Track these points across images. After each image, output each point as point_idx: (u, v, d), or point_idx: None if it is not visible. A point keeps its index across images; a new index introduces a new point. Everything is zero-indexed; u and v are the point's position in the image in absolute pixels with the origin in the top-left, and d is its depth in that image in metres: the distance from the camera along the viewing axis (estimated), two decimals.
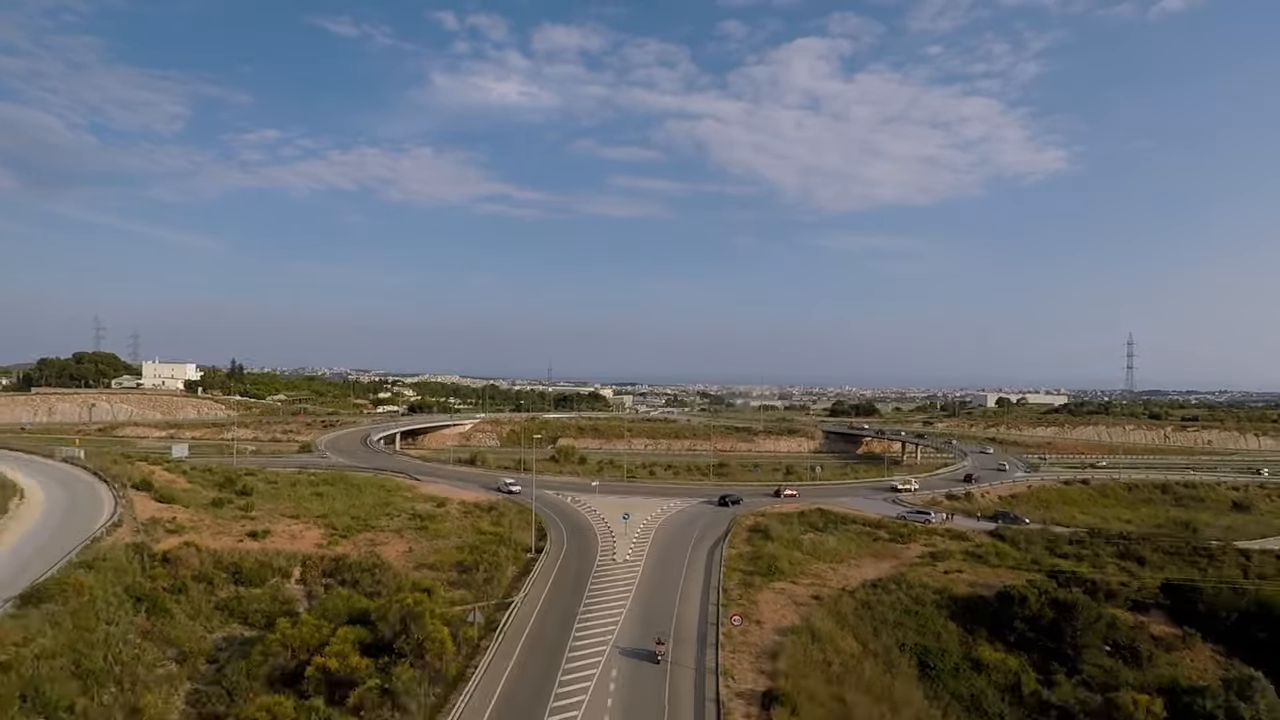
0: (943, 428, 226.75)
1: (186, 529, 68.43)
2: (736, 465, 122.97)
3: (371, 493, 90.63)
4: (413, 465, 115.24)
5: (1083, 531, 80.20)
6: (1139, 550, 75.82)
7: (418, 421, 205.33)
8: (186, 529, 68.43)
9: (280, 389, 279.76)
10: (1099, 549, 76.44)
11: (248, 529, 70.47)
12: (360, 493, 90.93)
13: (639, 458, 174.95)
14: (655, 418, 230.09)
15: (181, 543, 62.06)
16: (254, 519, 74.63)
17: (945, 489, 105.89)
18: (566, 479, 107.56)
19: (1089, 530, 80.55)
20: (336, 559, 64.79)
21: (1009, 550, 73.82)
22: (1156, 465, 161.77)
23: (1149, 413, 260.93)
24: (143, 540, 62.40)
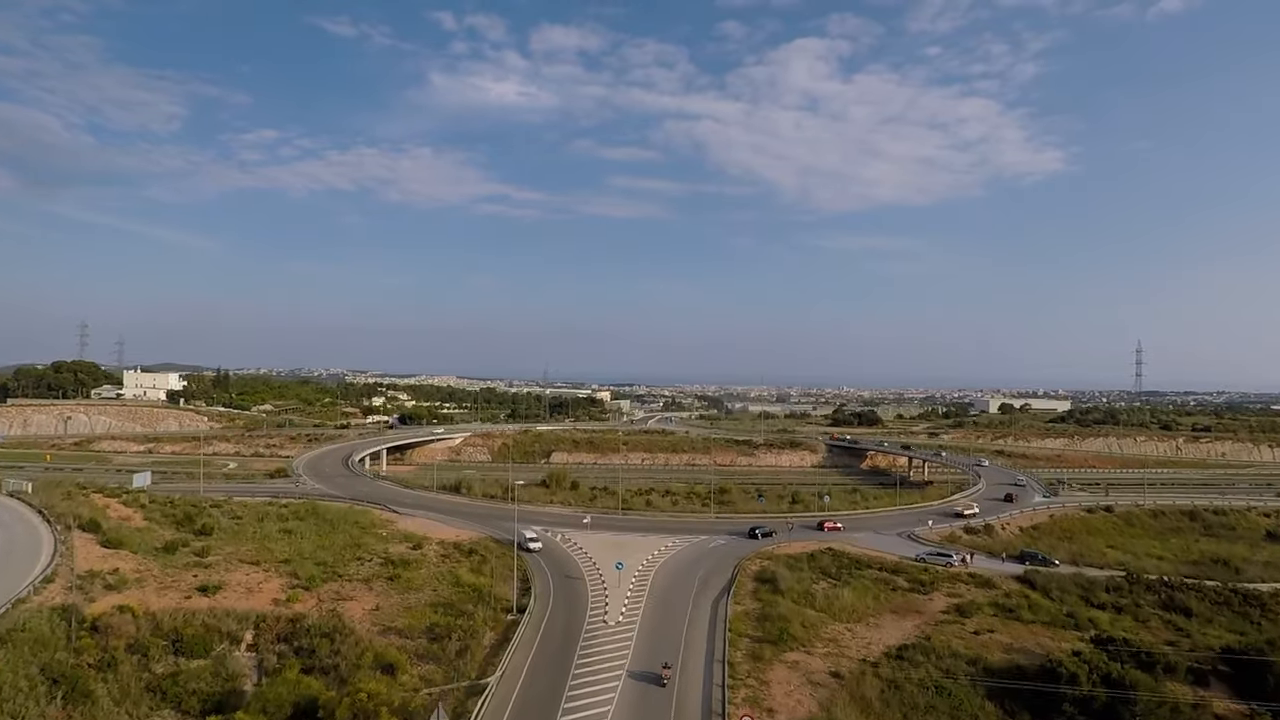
0: (949, 439, 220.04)
1: (129, 583, 61.37)
2: (738, 491, 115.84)
3: (344, 530, 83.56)
4: (393, 493, 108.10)
5: (1119, 576, 73.40)
6: (1184, 600, 69.04)
7: (406, 435, 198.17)
8: (129, 583, 61.37)
9: (267, 398, 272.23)
10: (1139, 597, 69.65)
11: (199, 581, 63.41)
12: (332, 530, 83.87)
13: (635, 475, 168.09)
14: (652, 429, 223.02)
15: (115, 606, 54.96)
16: (208, 567, 67.59)
17: (969, 518, 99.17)
18: (557, 509, 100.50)
19: (1126, 574, 73.72)
20: (294, 619, 57.64)
21: (1041, 601, 66.99)
22: (1178, 481, 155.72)
23: (1159, 423, 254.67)
24: (74, 601, 55.37)
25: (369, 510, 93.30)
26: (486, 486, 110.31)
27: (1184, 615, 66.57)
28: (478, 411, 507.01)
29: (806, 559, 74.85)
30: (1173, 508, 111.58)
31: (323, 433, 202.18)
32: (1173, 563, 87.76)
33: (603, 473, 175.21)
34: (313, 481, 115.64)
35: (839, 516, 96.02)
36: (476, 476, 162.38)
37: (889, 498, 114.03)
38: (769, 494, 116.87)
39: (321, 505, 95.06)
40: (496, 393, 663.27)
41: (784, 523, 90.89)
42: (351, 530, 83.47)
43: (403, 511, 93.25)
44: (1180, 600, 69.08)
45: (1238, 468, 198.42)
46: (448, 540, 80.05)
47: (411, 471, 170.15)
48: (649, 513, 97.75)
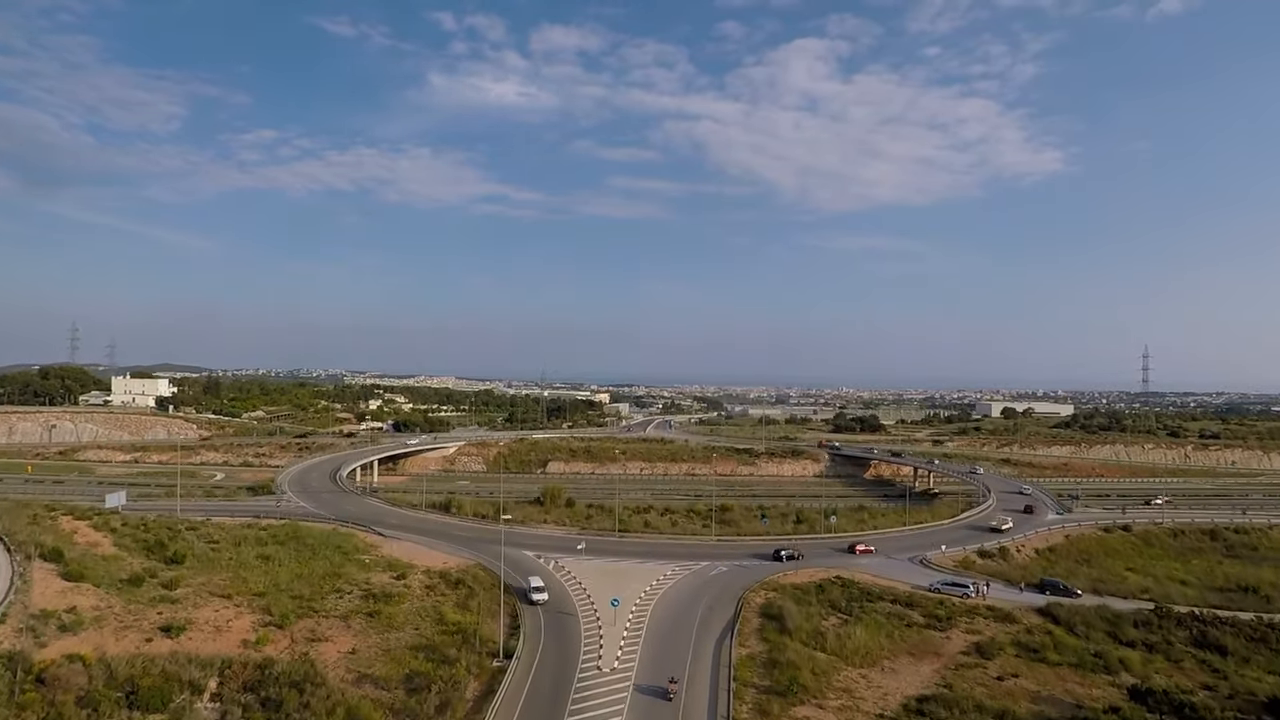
0: (953, 447, 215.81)
1: (86, 623, 56.93)
2: (740, 509, 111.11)
3: (325, 556, 79.10)
4: (379, 512, 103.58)
5: (1147, 609, 69.08)
6: (1217, 636, 64.68)
7: (399, 444, 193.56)
8: (86, 623, 56.93)
9: (259, 404, 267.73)
10: (1170, 633, 65.29)
11: (164, 619, 59.00)
12: (312, 556, 79.43)
13: (633, 486, 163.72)
14: (651, 437, 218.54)
15: (66, 655, 50.55)
16: (176, 602, 63.12)
17: (987, 537, 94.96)
18: (551, 530, 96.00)
19: (1155, 608, 69.38)
20: (263, 665, 53.21)
21: (1066, 638, 62.60)
22: (1190, 492, 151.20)
23: (1167, 430, 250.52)
24: (22, 648, 51.01)
25: (353, 533, 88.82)
26: (477, 505, 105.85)
27: (1219, 654, 62.24)
28: (475, 415, 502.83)
29: (814, 590, 70.47)
30: (1192, 526, 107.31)
31: (314, 441, 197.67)
32: (1198, 589, 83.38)
33: (600, 484, 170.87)
34: (297, 499, 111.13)
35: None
36: (470, 486, 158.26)
37: (897, 515, 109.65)
38: (771, 511, 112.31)
39: (303, 527, 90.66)
40: (494, 395, 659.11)
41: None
42: (333, 557, 79.00)
43: (388, 534, 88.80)
44: (1214, 637, 64.74)
45: (1248, 476, 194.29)
46: (434, 568, 75.59)
47: (404, 482, 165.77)
48: (647, 534, 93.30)
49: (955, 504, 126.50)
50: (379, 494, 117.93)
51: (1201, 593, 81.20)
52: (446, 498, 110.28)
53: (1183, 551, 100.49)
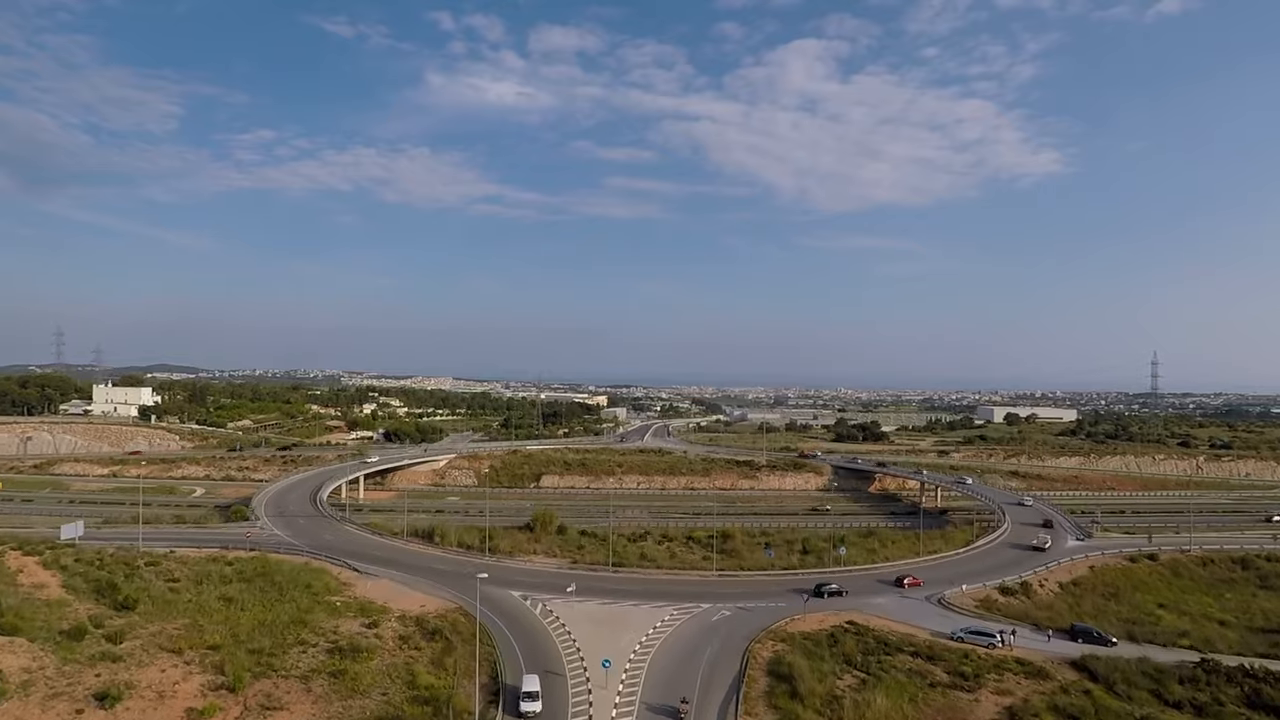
0: (959, 458, 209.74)
1: (10, 691, 50.61)
2: (742, 535, 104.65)
3: (293, 598, 72.68)
4: (357, 543, 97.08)
5: (1191, 661, 62.86)
6: (1271, 695, 58.50)
7: (388, 458, 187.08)
8: (10, 691, 50.61)
9: (246, 413, 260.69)
10: (1219, 690, 59.04)
11: (101, 682, 52.69)
12: (279, 598, 73.04)
13: (630, 502, 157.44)
14: (648, 448, 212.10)
15: None
16: (119, 659, 56.74)
17: (1006, 571, 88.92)
18: (540, 563, 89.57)
19: (1200, 660, 63.17)
20: None
21: (1106, 700, 56.31)
22: (1207, 507, 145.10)
23: (1177, 439, 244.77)
24: None
25: (325, 569, 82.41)
26: (463, 533, 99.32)
27: (1274, 716, 56.15)
28: (470, 419, 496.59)
29: (826, 640, 64.14)
30: (1221, 554, 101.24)
31: (300, 454, 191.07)
32: (1238, 630, 77.36)
33: (595, 499, 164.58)
34: (272, 525, 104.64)
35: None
36: (459, 504, 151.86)
37: (908, 541, 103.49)
38: (775, 537, 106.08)
39: (273, 561, 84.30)
40: (490, 398, 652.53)
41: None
42: (301, 598, 72.59)
43: (364, 570, 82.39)
44: (1268, 696, 58.49)
45: (1263, 489, 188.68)
46: (410, 613, 69.20)
47: (391, 499, 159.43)
48: (643, 569, 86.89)
49: (969, 528, 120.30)
50: (358, 520, 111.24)
51: (1243, 635, 75.12)
52: (430, 524, 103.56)
53: (1214, 583, 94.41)
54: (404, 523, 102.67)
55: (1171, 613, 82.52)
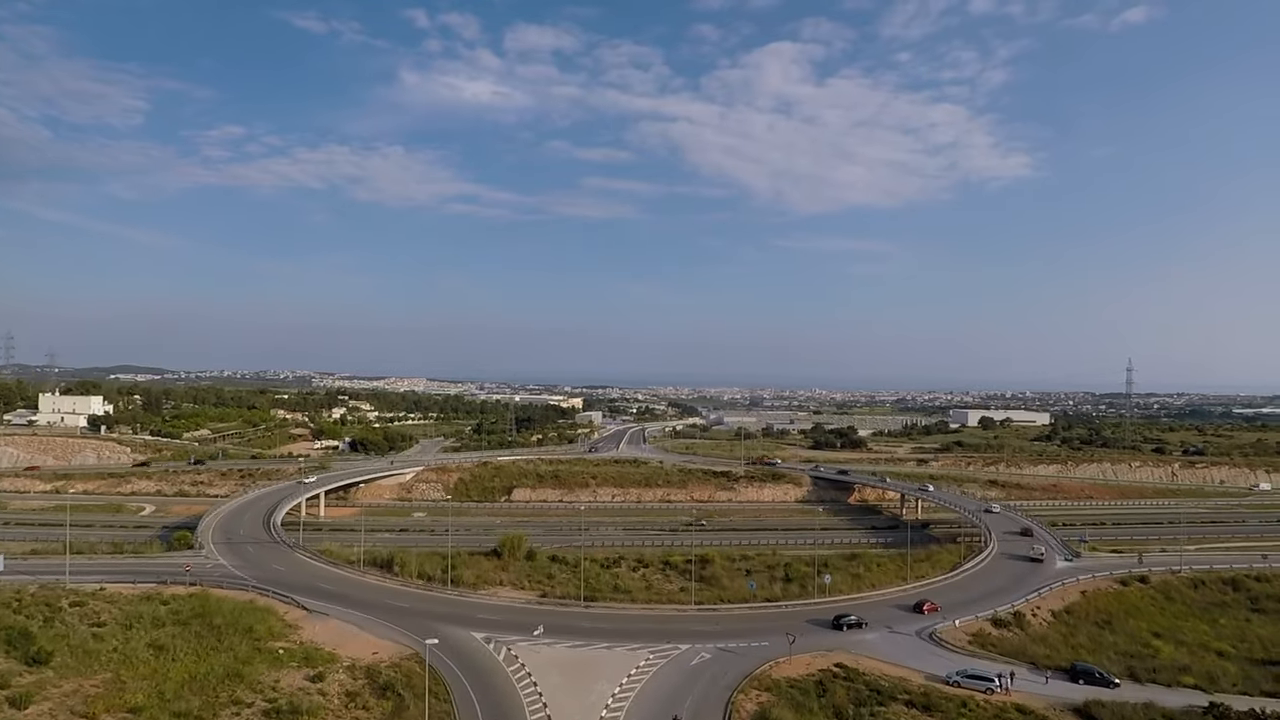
0: (938, 467, 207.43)
1: None
2: (721, 561, 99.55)
3: (232, 644, 65.99)
4: (310, 574, 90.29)
5: (1199, 707, 59.06)
6: None
7: (353, 468, 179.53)
8: None
9: (205, 421, 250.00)
10: None
11: None
12: (217, 644, 66.31)
13: (604, 516, 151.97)
14: (623, 458, 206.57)
15: None
16: None
17: (997, 598, 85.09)
18: (507, 596, 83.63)
19: (1208, 703, 59.40)
20: None
21: None
22: (1184, 517, 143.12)
23: (1150, 444, 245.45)
24: None
25: (272, 608, 75.75)
26: (424, 561, 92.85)
27: None
28: (442, 424, 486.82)
29: (814, 688, 59.31)
30: (1212, 575, 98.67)
31: (258, 467, 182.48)
32: (1237, 662, 74.17)
33: (568, 514, 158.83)
34: (217, 554, 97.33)
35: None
36: (426, 520, 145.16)
37: (894, 564, 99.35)
38: (756, 560, 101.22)
39: (214, 599, 77.31)
40: (463, 401, 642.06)
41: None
42: (240, 646, 65.90)
43: (314, 609, 75.88)
44: None
45: (1237, 496, 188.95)
46: (361, 662, 63.03)
47: (353, 516, 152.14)
48: (617, 602, 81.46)
49: (955, 546, 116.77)
50: (312, 548, 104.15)
51: (1244, 669, 71.85)
52: (390, 551, 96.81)
53: (1206, 607, 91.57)
54: (361, 550, 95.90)
55: (1168, 642, 79.16)
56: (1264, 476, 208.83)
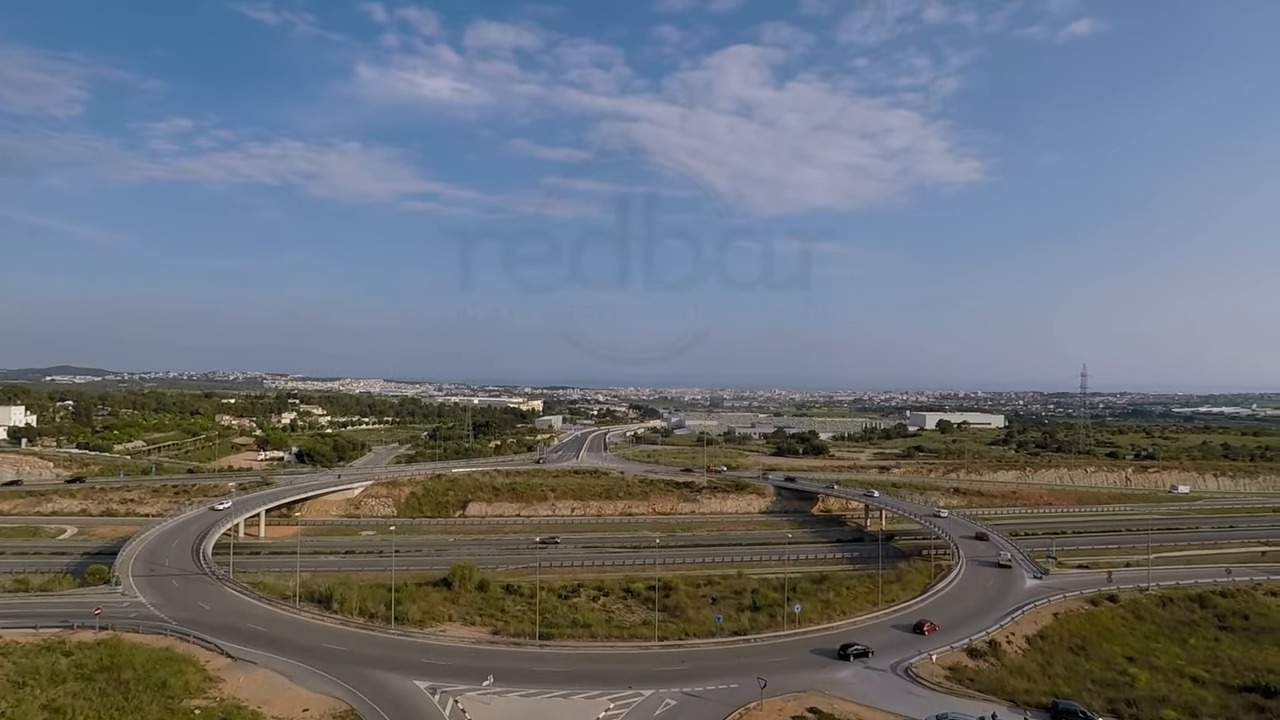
0: (900, 474, 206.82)
1: None
2: (686, 587, 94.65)
3: (140, 703, 58.58)
4: (239, 613, 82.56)
5: None
6: None
7: (299, 483, 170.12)
8: None
9: (139, 432, 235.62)
10: None
11: None
12: (125, 702, 58.87)
13: (563, 531, 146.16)
14: (583, 468, 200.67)
15: None
16: None
17: (972, 623, 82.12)
18: (453, 638, 77.10)
19: None
20: None
21: None
22: (1140, 524, 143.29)
23: (1105, 449, 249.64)
24: None
25: (192, 656, 68.28)
26: (367, 594, 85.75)
27: None
28: (397, 429, 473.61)
29: None
30: (1179, 592, 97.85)
31: (194, 483, 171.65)
32: (1214, 689, 72.48)
33: (526, 529, 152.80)
34: (137, 590, 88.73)
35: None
36: (375, 540, 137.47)
37: (864, 586, 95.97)
38: (722, 585, 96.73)
39: (126, 647, 69.47)
40: (420, 404, 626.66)
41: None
42: (151, 706, 58.52)
43: (240, 656, 68.64)
44: None
45: (1188, 501, 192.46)
46: None
47: (296, 535, 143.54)
48: (575, 637, 75.99)
49: (924, 563, 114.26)
50: (244, 580, 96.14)
51: (1221, 696, 70.13)
52: (330, 583, 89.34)
53: (1176, 626, 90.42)
54: (297, 583, 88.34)
55: (1142, 667, 77.25)
56: (1211, 480, 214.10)
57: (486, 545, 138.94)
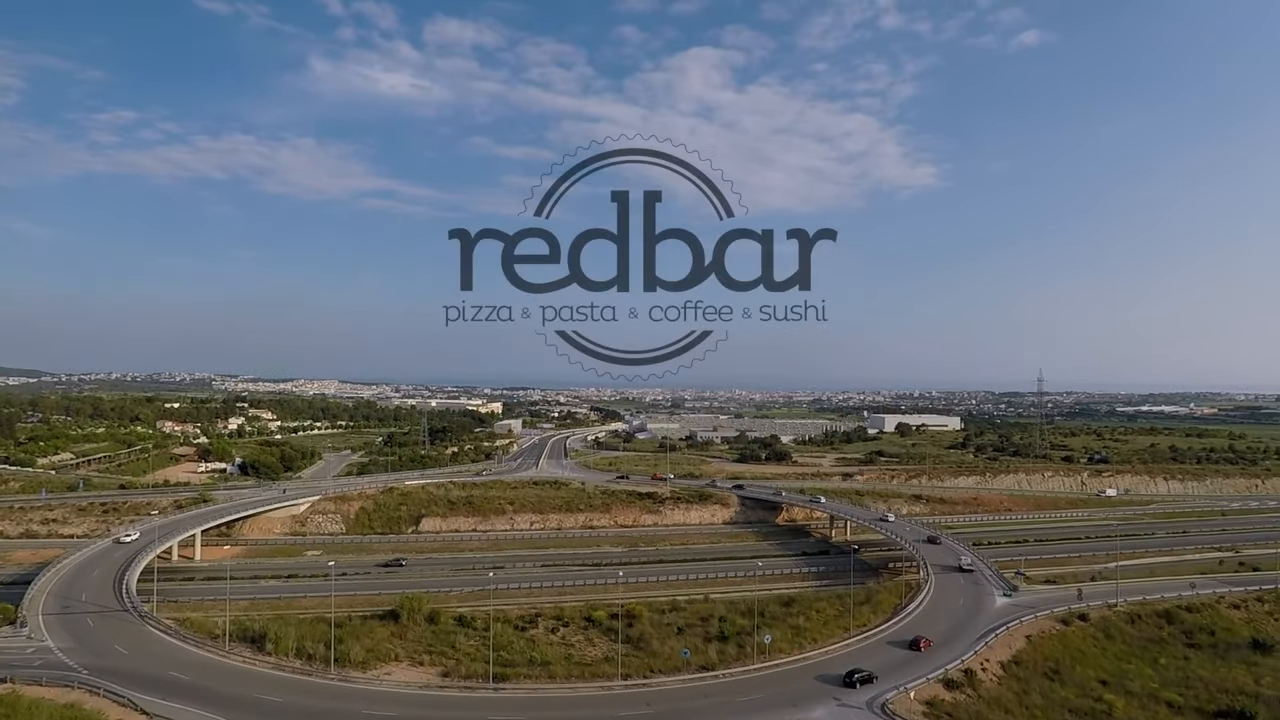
0: (863, 481, 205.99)
1: None
2: (650, 616, 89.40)
3: None
4: (162, 656, 75.04)
5: None
6: None
7: (239, 499, 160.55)
8: None
9: (69, 443, 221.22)
10: None
11: None
12: None
13: (522, 548, 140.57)
14: (542, 479, 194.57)
15: None
16: None
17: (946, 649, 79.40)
18: (400, 683, 70.94)
19: None
20: None
21: None
22: (1098, 530, 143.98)
23: (1061, 453, 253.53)
24: None
25: (102, 711, 60.94)
26: (306, 632, 79.07)
27: None
28: (350, 434, 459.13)
29: None
30: (1147, 608, 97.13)
31: (125, 500, 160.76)
32: (1189, 714, 71.16)
33: (483, 546, 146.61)
34: (45, 631, 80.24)
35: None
36: (320, 561, 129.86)
37: (833, 608, 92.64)
38: (688, 612, 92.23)
39: (26, 703, 61.77)
40: (376, 407, 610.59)
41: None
42: None
43: (157, 712, 61.58)
44: None
45: (1141, 504, 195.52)
46: None
47: (235, 557, 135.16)
48: (532, 678, 70.74)
49: (892, 579, 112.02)
50: (170, 617, 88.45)
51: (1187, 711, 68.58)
52: (265, 622, 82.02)
53: (1146, 644, 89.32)
54: (228, 620, 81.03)
55: (1118, 693, 75.39)
56: (1163, 484, 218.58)
57: (440, 565, 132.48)
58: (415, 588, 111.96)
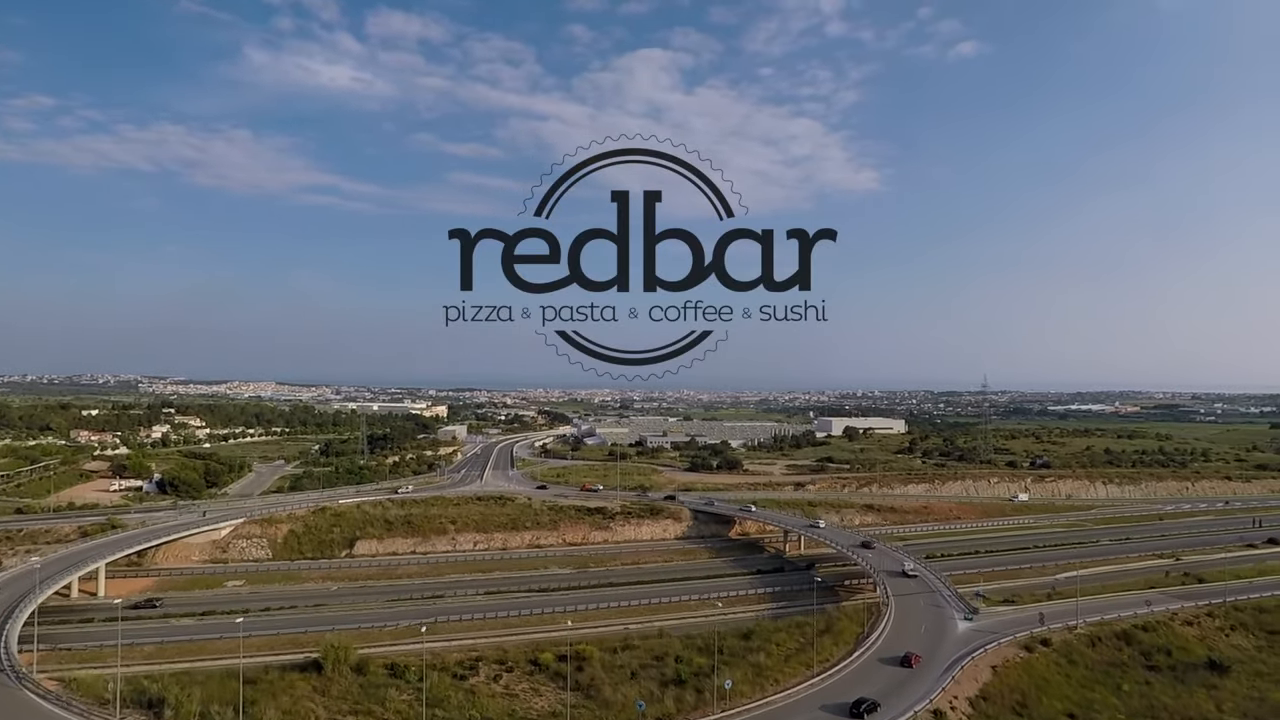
0: (815, 491, 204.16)
1: None
2: (601, 655, 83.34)
3: None
4: None
5: None
6: None
7: (154, 524, 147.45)
8: None
9: None
10: None
11: None
12: None
13: (464, 571, 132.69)
14: (486, 495, 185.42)
15: None
16: None
17: None
18: None
19: None
20: None
21: None
22: (1050, 539, 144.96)
23: (1005, 458, 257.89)
24: None
25: None
26: (212, 693, 70.12)
27: None
28: (286, 441, 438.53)
29: None
30: (1105, 629, 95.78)
31: (21, 527, 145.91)
32: None
33: (421, 571, 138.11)
34: None
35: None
36: (244, 591, 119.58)
37: (795, 641, 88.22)
38: (641, 650, 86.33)
39: None
40: (314, 412, 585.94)
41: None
42: None
43: None
44: None
45: (1083, 509, 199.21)
46: None
47: (149, 587, 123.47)
48: None
49: (852, 603, 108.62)
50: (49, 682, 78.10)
51: None
52: (161, 690, 72.18)
53: (1107, 668, 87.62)
54: (119, 681, 71.15)
55: None
56: (1101, 488, 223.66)
57: (376, 593, 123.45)
58: (345, 623, 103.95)
